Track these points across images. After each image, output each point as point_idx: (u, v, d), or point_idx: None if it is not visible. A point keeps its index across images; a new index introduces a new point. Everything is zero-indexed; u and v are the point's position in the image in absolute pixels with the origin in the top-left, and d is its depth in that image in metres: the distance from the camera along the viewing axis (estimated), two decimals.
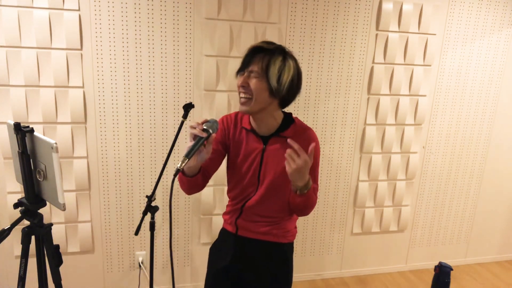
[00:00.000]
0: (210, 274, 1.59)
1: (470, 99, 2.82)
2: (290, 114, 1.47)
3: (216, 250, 1.59)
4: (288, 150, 1.22)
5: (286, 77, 1.32)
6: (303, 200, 1.33)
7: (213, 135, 1.26)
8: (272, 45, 1.35)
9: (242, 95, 1.33)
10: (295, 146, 1.20)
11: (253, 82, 1.30)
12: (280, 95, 1.33)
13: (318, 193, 2.67)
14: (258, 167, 1.42)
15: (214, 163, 1.46)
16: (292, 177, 1.25)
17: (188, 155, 1.20)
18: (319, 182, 1.49)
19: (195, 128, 1.23)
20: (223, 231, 1.59)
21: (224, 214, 1.59)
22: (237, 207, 1.50)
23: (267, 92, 1.31)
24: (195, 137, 1.23)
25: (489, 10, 2.67)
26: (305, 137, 1.41)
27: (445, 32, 2.64)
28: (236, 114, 1.49)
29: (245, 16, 2.28)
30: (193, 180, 1.34)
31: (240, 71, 1.35)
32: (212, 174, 1.46)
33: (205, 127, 1.25)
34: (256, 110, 1.34)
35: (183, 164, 1.19)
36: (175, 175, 1.20)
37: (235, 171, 1.47)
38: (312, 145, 1.23)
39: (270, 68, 1.29)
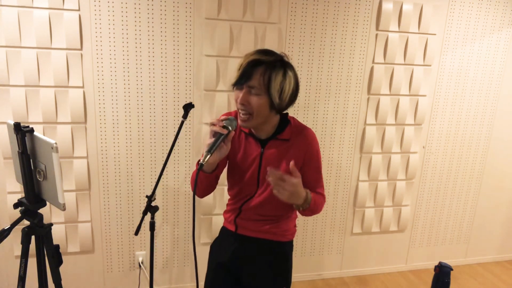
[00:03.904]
0: (210, 270, 1.60)
1: (470, 99, 2.82)
2: (286, 114, 1.45)
3: (217, 247, 1.61)
4: (273, 181, 1.22)
5: (288, 91, 1.31)
6: (310, 210, 1.39)
7: (232, 132, 1.29)
8: (272, 56, 1.30)
9: (243, 112, 1.30)
10: (277, 173, 1.22)
11: (254, 100, 1.27)
12: (281, 108, 1.34)
13: None
14: (257, 170, 1.42)
15: (221, 162, 1.45)
16: (289, 201, 1.28)
17: (211, 151, 1.23)
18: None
19: (215, 125, 1.26)
20: (223, 229, 1.61)
21: (225, 212, 1.60)
22: (236, 207, 1.51)
23: (268, 107, 1.30)
24: (215, 134, 1.26)
25: (489, 10, 2.67)
26: (304, 136, 1.41)
27: (445, 32, 2.63)
28: (236, 113, 1.48)
29: (245, 16, 2.28)
30: (211, 176, 1.37)
31: (238, 85, 1.30)
32: (221, 173, 1.47)
33: (225, 124, 1.27)
34: (257, 124, 1.35)
35: (206, 159, 1.22)
36: (199, 169, 1.24)
37: (234, 171, 1.47)
38: (292, 162, 1.24)
39: (272, 84, 1.26)
